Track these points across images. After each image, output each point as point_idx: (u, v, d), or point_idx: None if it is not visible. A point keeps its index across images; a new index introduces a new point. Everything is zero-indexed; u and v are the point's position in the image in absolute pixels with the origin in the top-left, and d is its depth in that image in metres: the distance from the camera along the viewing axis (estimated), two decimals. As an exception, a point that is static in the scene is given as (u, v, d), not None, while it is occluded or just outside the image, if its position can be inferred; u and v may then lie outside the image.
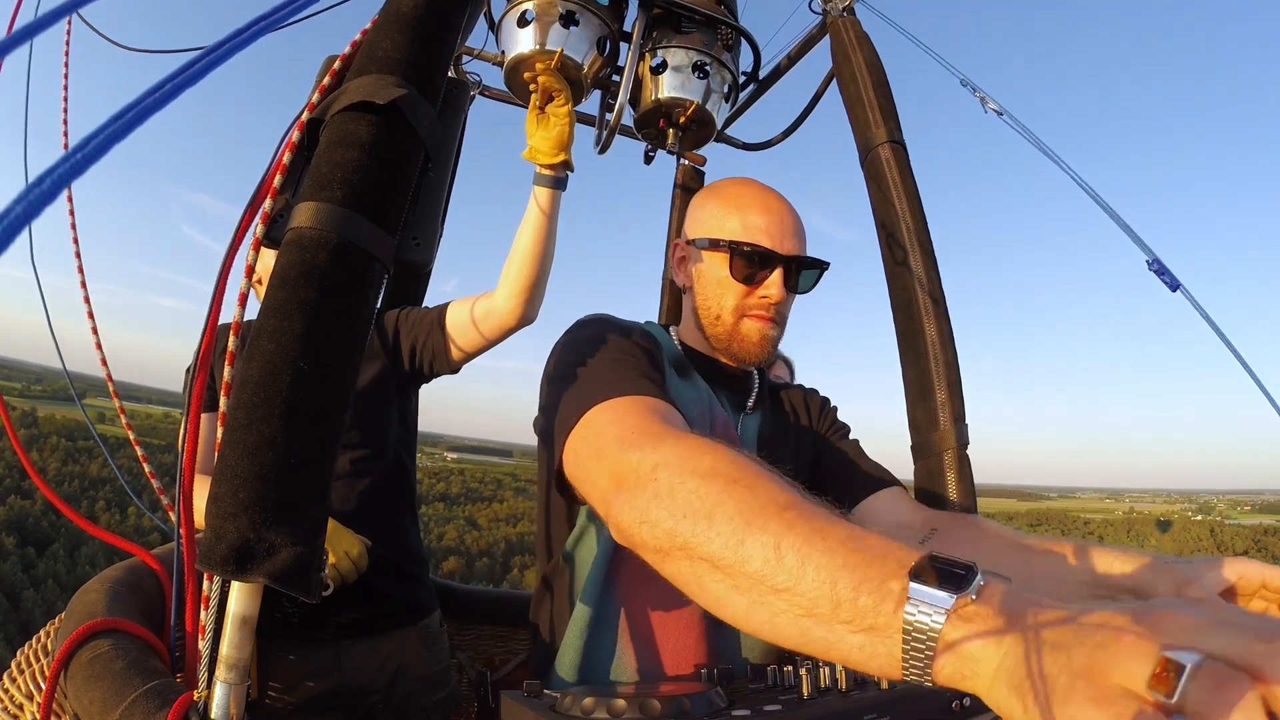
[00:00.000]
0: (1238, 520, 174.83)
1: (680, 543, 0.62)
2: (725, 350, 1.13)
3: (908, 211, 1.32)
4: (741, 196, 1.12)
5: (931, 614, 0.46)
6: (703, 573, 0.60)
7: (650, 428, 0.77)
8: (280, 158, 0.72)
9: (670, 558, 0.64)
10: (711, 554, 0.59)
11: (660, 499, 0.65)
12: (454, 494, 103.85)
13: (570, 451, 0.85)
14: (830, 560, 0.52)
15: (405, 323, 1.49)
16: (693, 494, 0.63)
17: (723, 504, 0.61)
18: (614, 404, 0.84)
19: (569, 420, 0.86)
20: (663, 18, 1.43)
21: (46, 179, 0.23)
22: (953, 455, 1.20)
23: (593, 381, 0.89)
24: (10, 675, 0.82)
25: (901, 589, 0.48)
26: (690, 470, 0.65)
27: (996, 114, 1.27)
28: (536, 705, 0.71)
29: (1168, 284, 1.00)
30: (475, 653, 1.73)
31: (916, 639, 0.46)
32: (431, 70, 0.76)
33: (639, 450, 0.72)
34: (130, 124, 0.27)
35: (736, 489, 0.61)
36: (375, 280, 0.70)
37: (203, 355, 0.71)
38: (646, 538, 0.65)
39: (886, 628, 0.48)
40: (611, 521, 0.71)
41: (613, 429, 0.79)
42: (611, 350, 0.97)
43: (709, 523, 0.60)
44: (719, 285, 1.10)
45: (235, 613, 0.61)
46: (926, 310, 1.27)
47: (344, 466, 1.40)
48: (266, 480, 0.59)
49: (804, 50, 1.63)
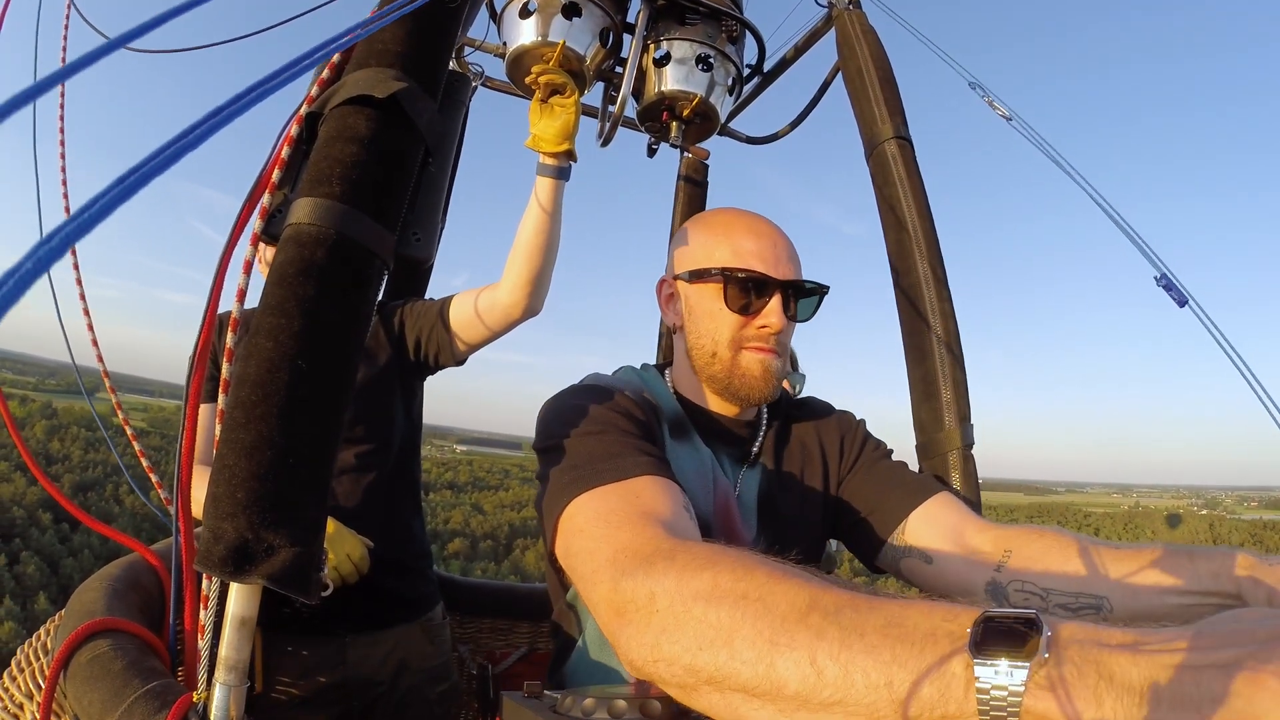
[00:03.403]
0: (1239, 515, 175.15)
1: (706, 677, 0.56)
2: (725, 390, 1.02)
3: (914, 208, 1.30)
4: (728, 223, 1.04)
5: (1008, 688, 0.42)
6: (738, 704, 0.55)
7: (639, 545, 0.69)
8: (278, 152, 0.71)
9: (699, 693, 0.57)
10: (743, 684, 0.53)
11: (669, 633, 0.59)
12: (461, 482, 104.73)
13: (561, 545, 0.81)
14: (876, 660, 0.48)
15: (410, 315, 1.49)
16: (701, 622, 0.57)
17: (739, 627, 0.55)
18: (599, 495, 0.79)
19: (554, 507, 0.82)
20: (666, 9, 1.42)
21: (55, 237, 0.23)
22: (958, 455, 1.19)
23: (580, 464, 0.84)
24: (10, 674, 0.82)
25: (965, 669, 0.44)
26: (692, 596, 0.59)
27: (1005, 119, 1.25)
28: (537, 706, 0.71)
29: (1176, 300, 0.99)
30: (476, 645, 1.73)
31: (996, 715, 0.43)
32: (432, 63, 0.75)
33: (631, 578, 0.65)
34: (136, 184, 0.27)
35: (748, 605, 0.56)
36: (375, 277, 0.69)
37: (200, 349, 0.70)
38: (665, 675, 0.59)
39: (960, 714, 0.44)
40: (622, 655, 0.64)
41: (603, 546, 0.72)
42: (599, 423, 0.90)
43: (730, 651, 0.54)
44: (712, 318, 1.01)
45: (234, 614, 0.61)
46: (932, 308, 1.26)
47: (348, 460, 1.40)
48: (265, 480, 0.59)
49: (809, 43, 1.62)
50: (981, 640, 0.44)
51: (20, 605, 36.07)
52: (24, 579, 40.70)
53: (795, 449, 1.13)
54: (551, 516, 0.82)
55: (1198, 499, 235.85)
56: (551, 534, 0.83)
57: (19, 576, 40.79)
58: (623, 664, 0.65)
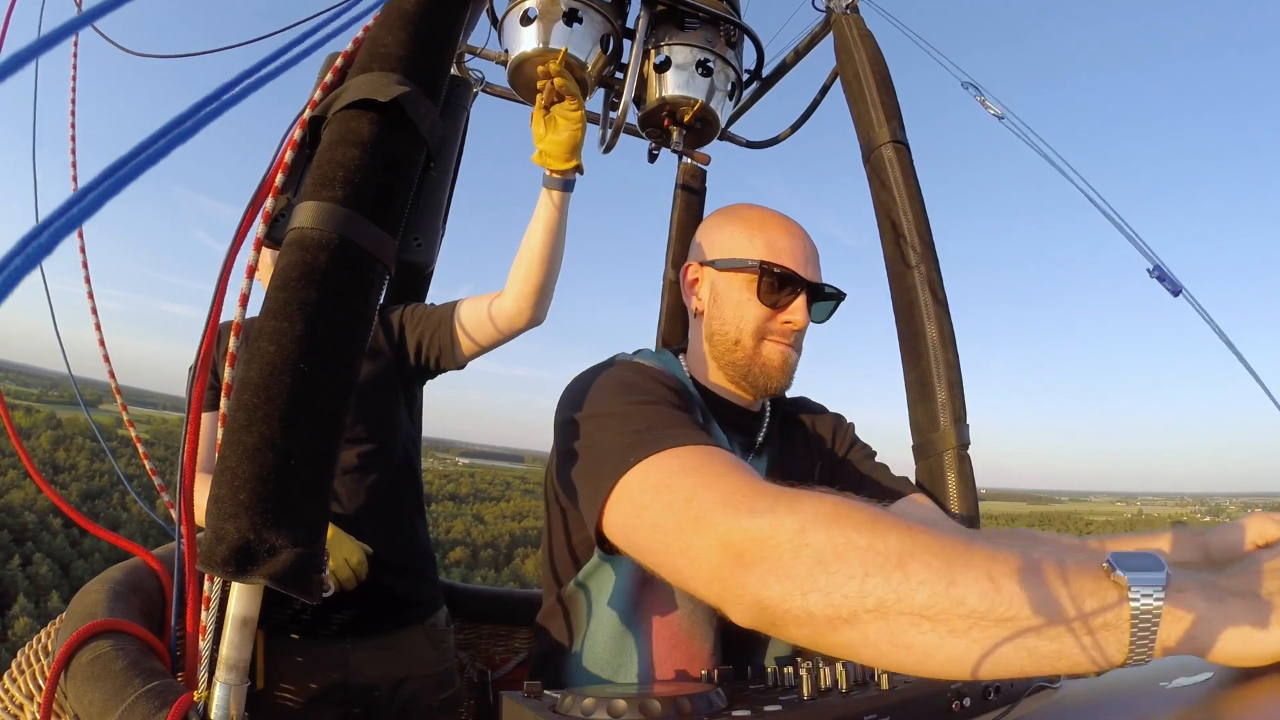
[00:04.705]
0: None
1: (873, 604, 0.56)
2: (743, 377, 1.05)
3: (910, 212, 1.31)
4: (764, 220, 1.08)
5: (1152, 596, 0.51)
6: (901, 630, 0.56)
7: (754, 489, 0.67)
8: (282, 156, 0.71)
9: (853, 624, 0.57)
10: (917, 606, 0.55)
11: (826, 564, 0.58)
12: (463, 493, 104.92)
13: (624, 510, 0.75)
14: (1043, 578, 0.54)
15: (411, 319, 1.50)
16: (867, 550, 0.58)
17: (913, 551, 0.57)
18: (674, 455, 0.74)
19: (613, 469, 0.76)
20: (666, 15, 1.43)
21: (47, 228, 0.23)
22: (953, 455, 1.20)
23: (640, 429, 0.79)
24: (10, 675, 0.82)
25: (1119, 584, 0.53)
26: (852, 526, 0.59)
27: (997, 118, 1.26)
28: (537, 706, 0.71)
29: (1169, 290, 0.99)
30: (476, 651, 1.73)
31: (1143, 624, 0.51)
32: (434, 68, 0.76)
33: (766, 515, 0.63)
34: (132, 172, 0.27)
35: (915, 532, 0.58)
36: (376, 281, 0.70)
37: (203, 356, 0.71)
38: (816, 609, 0.58)
39: (1115, 622, 0.52)
40: (742, 601, 0.63)
41: (705, 493, 0.68)
42: (650, 394, 0.87)
43: (904, 574, 0.56)
44: (739, 307, 1.04)
45: (235, 614, 0.61)
46: (928, 311, 1.27)
47: (351, 461, 1.40)
48: (267, 481, 0.59)
49: (808, 47, 1.63)
50: (1126, 564, 0.53)
51: (34, 603, 38.03)
52: (37, 579, 42.87)
53: (794, 440, 1.18)
54: (606, 480, 0.77)
55: (1201, 506, 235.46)
56: (600, 502, 0.78)
57: (32, 577, 43.04)
58: (734, 611, 0.64)
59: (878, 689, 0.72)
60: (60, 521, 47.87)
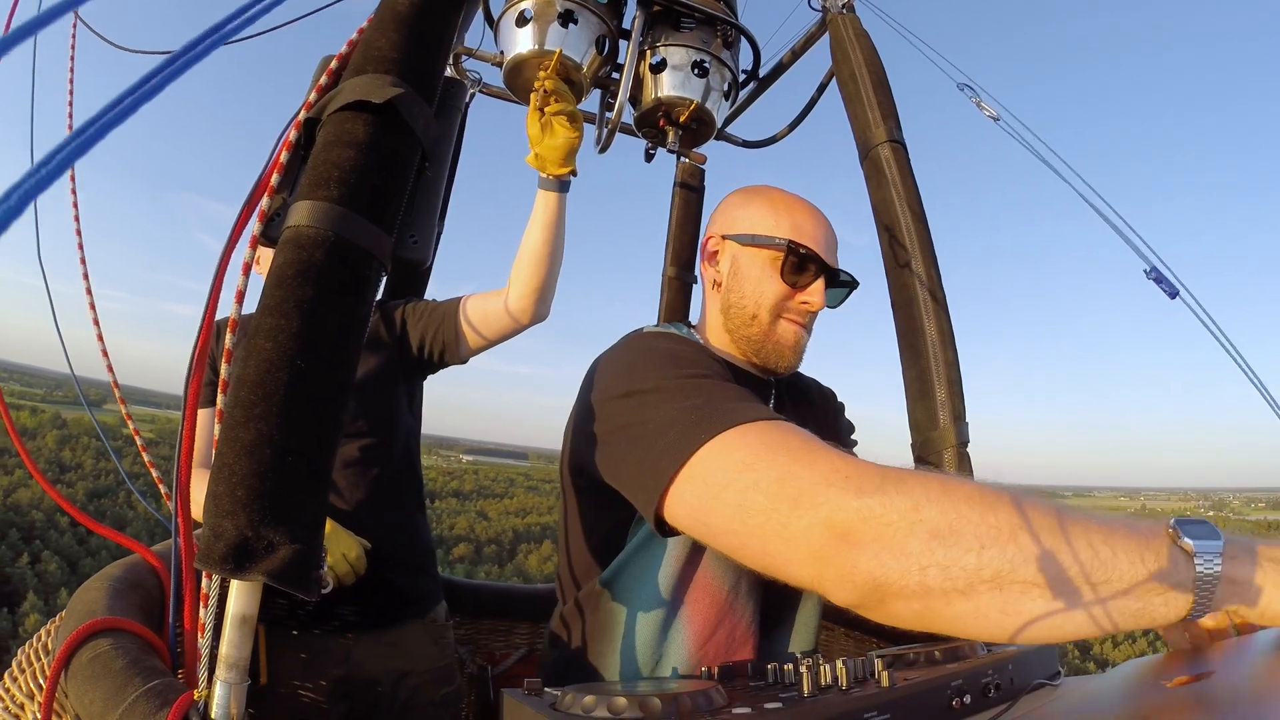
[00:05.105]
0: (1246, 516, 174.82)
1: (989, 575, 0.60)
2: (757, 352, 1.07)
3: (908, 211, 1.32)
4: (790, 202, 1.09)
5: (1213, 560, 0.58)
6: (1012, 599, 0.60)
7: (854, 467, 0.67)
8: (277, 157, 0.72)
9: (968, 596, 0.61)
10: (1030, 575, 0.59)
11: (943, 539, 0.61)
12: (467, 490, 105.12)
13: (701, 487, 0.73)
14: (1126, 544, 0.59)
15: (414, 314, 1.51)
16: (980, 524, 0.61)
17: (1022, 524, 0.60)
18: (753, 430, 0.72)
19: (685, 445, 0.74)
20: (662, 15, 1.43)
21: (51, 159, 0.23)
22: (953, 453, 1.20)
23: (703, 404, 0.77)
24: (11, 675, 0.82)
25: (1185, 549, 0.58)
26: (963, 500, 0.62)
27: (993, 119, 1.26)
28: (537, 704, 0.71)
29: (1166, 292, 0.99)
30: (476, 647, 1.73)
31: (1205, 584, 0.57)
32: (428, 69, 0.76)
33: (876, 495, 0.64)
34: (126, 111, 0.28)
35: (1016, 507, 0.62)
36: (373, 278, 0.70)
37: (198, 353, 0.71)
38: (934, 583, 0.61)
39: (1184, 582, 0.58)
40: (852, 579, 0.64)
41: (805, 471, 0.68)
42: (702, 366, 0.85)
43: (1016, 545, 0.60)
44: (759, 284, 1.05)
45: (234, 611, 0.61)
46: (927, 309, 1.27)
47: (353, 454, 1.41)
48: (264, 478, 0.59)
49: (805, 47, 1.63)
50: (1189, 531, 0.59)
51: (43, 600, 38.87)
52: (45, 576, 43.96)
53: (800, 407, 1.22)
54: (669, 458, 0.75)
55: (1204, 500, 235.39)
56: (664, 481, 0.75)
57: (41, 574, 44.19)
58: (838, 588, 0.66)
59: (878, 686, 0.72)
60: (68, 520, 48.59)
